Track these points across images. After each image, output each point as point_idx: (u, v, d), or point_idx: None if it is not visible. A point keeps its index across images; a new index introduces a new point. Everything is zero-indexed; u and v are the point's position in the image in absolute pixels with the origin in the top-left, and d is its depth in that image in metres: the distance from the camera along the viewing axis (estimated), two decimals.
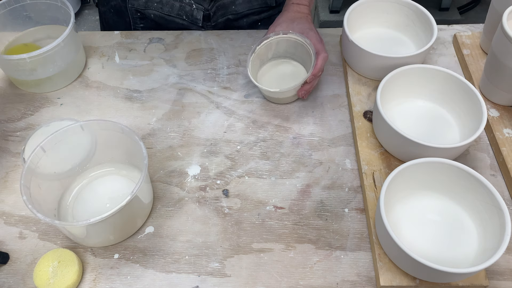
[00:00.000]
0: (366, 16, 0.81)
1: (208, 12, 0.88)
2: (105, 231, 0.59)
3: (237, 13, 0.90)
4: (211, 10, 0.88)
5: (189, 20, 0.89)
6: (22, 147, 0.70)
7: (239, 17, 0.91)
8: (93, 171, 0.68)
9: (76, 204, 0.64)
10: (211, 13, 0.89)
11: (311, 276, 0.59)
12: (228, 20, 0.91)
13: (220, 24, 0.91)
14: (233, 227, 0.63)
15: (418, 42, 0.79)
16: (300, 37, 0.74)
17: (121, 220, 0.58)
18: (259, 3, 0.91)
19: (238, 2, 0.89)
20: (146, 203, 0.63)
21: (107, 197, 0.65)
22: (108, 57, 0.84)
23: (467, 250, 0.57)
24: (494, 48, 0.69)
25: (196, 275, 0.59)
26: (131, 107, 0.77)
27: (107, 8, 0.93)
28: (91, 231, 0.58)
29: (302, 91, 0.73)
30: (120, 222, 0.58)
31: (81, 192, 0.66)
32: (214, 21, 0.90)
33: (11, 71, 0.76)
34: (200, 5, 0.87)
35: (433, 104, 0.72)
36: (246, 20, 0.92)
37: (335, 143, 0.72)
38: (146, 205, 0.63)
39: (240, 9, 0.90)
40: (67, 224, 0.56)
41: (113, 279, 0.59)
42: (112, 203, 0.64)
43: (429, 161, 0.59)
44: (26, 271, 0.59)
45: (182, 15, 0.88)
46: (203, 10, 0.88)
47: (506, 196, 0.65)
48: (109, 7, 0.93)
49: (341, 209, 0.65)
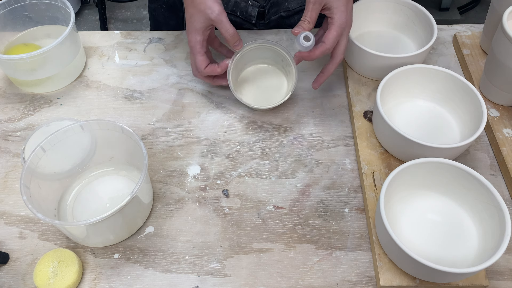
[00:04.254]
0: (366, 16, 0.81)
1: (263, 9, 0.87)
2: (105, 231, 0.59)
3: (290, 10, 0.88)
4: (266, 7, 0.87)
5: (243, 17, 0.87)
6: (22, 147, 0.70)
7: (291, 14, 0.89)
8: (93, 171, 0.68)
9: (76, 204, 0.64)
10: (266, 10, 0.87)
11: (311, 276, 0.59)
12: (280, 18, 0.89)
13: (273, 22, 0.89)
14: (233, 227, 0.63)
15: (418, 42, 0.79)
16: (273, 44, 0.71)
17: (121, 220, 0.58)
18: None
19: None
20: (146, 203, 0.63)
21: (107, 197, 0.65)
22: (108, 57, 0.84)
23: (467, 250, 0.57)
24: (494, 48, 0.69)
25: (196, 275, 0.59)
26: (131, 107, 0.77)
27: (159, 4, 0.92)
28: (91, 231, 0.58)
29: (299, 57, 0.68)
30: (120, 222, 0.58)
31: (81, 192, 0.66)
32: (268, 19, 0.89)
33: (11, 71, 0.76)
34: (256, 2, 0.85)
35: (433, 104, 0.72)
36: (297, 18, 0.89)
37: (335, 143, 0.72)
38: (146, 205, 0.63)
39: (293, 6, 0.88)
40: (67, 224, 0.56)
41: (113, 279, 0.59)
42: (112, 203, 0.64)
43: (429, 161, 0.59)
44: (26, 271, 0.59)
45: (236, 12, 0.87)
46: (258, 7, 0.86)
47: (506, 196, 0.65)
48: (161, 3, 0.91)
49: (341, 209, 0.65)
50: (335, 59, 0.69)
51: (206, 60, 0.70)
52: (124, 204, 0.54)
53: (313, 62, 0.82)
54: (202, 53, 0.70)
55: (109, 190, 0.66)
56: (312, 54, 0.66)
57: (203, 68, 0.71)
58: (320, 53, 0.66)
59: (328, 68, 0.70)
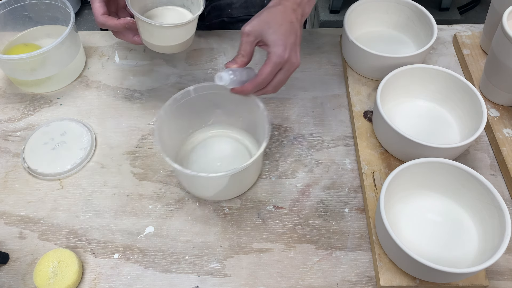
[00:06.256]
0: (366, 16, 0.81)
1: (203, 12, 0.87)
2: (213, 187, 0.62)
3: (233, 17, 0.89)
4: (205, 10, 0.87)
5: None
6: (22, 147, 0.70)
7: (234, 21, 0.89)
8: (211, 129, 0.72)
9: (191, 155, 0.69)
10: (205, 12, 0.88)
11: (311, 276, 0.59)
12: (222, 22, 0.89)
13: (214, 25, 0.90)
14: (233, 227, 0.63)
15: (418, 42, 0.79)
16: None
17: (231, 181, 0.61)
18: (256, 10, 0.88)
19: (235, 6, 0.87)
20: (254, 174, 0.66)
21: (219, 157, 0.69)
22: (108, 57, 0.84)
23: (467, 250, 0.57)
24: (494, 48, 0.69)
25: (196, 275, 0.59)
26: (131, 107, 0.77)
27: None
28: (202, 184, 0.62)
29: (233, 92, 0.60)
30: (230, 182, 0.61)
31: (196, 148, 0.70)
32: (208, 21, 0.89)
33: (11, 71, 0.76)
34: None
35: (433, 104, 0.72)
36: (241, 25, 0.87)
37: (335, 143, 0.72)
38: (254, 176, 0.66)
39: (236, 14, 0.88)
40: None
41: (113, 279, 0.59)
42: (222, 163, 0.68)
43: (429, 161, 0.59)
44: (26, 271, 0.59)
45: None
46: None
47: (506, 196, 0.65)
48: None
49: (341, 209, 0.65)
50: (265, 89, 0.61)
51: (103, 7, 0.62)
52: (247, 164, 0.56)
53: (314, 62, 0.82)
54: (99, 0, 0.62)
55: (222, 151, 0.69)
56: (245, 88, 0.59)
57: (99, 15, 0.62)
58: (251, 87, 0.59)
59: (247, 86, 0.60)
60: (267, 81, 0.59)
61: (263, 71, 0.58)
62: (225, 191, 0.63)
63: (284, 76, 0.60)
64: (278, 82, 0.60)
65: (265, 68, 0.58)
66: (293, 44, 0.59)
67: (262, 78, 0.58)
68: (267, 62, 0.58)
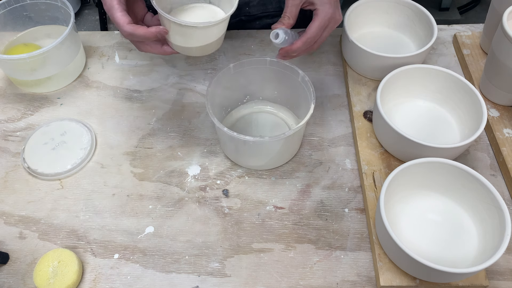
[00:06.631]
0: (366, 16, 0.81)
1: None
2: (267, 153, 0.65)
3: (250, 15, 0.88)
4: None
5: None
6: (22, 147, 0.70)
7: (252, 19, 0.89)
8: (247, 107, 0.75)
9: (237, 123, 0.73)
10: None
11: (311, 276, 0.59)
12: (240, 21, 0.89)
13: (232, 25, 0.89)
14: (233, 227, 0.63)
15: (418, 42, 0.79)
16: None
17: (275, 149, 0.64)
18: (274, 6, 0.88)
19: (253, 4, 0.87)
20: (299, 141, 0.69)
21: (259, 131, 0.72)
22: (108, 57, 0.84)
23: (467, 250, 0.57)
24: (494, 48, 0.69)
25: (196, 275, 0.59)
26: (131, 107, 0.77)
27: None
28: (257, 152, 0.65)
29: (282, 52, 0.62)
30: (274, 151, 0.65)
31: (235, 125, 0.73)
32: None
33: (11, 71, 0.76)
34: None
35: (433, 104, 0.72)
36: (259, 23, 0.89)
37: (335, 143, 0.72)
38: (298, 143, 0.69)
39: (254, 11, 0.88)
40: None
41: (113, 279, 0.59)
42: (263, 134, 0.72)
43: (429, 161, 0.59)
44: (26, 271, 0.59)
45: None
46: None
47: (506, 196, 0.65)
48: None
49: (341, 209, 0.65)
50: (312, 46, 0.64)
51: (127, 16, 0.56)
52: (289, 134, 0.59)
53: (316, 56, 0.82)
54: (121, 9, 0.56)
55: (262, 126, 0.73)
56: (294, 46, 0.61)
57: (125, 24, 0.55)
58: (301, 44, 0.61)
59: (297, 44, 0.61)
60: (316, 38, 0.62)
61: (312, 28, 0.61)
62: (276, 158, 0.67)
63: (328, 33, 0.64)
64: (323, 39, 0.64)
65: (314, 25, 0.61)
66: (336, 1, 0.63)
67: (312, 35, 0.61)
68: (315, 19, 0.61)
